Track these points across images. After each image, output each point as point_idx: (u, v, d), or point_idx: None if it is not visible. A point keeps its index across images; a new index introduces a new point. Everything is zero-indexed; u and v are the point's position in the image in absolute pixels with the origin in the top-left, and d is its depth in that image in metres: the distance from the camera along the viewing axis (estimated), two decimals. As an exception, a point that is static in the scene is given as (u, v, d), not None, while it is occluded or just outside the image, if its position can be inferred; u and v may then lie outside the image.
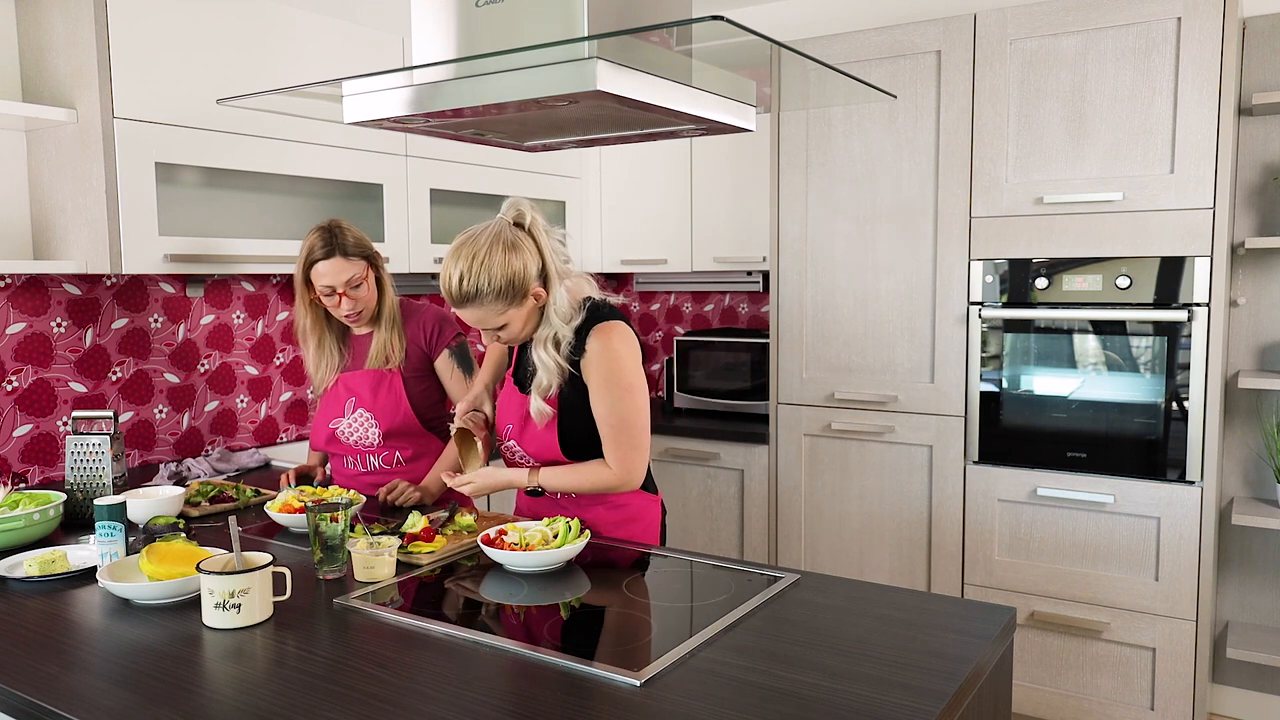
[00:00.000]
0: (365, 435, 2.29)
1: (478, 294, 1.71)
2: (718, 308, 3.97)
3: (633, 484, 1.86)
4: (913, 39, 2.85)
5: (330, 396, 2.32)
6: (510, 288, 1.71)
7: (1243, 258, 2.86)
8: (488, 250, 1.70)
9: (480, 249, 1.70)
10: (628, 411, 1.81)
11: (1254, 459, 2.89)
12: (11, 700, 1.23)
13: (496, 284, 1.70)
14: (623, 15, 1.64)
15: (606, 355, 1.79)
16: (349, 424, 2.29)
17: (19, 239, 2.48)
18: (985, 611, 1.47)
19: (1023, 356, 2.78)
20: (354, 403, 2.28)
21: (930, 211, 2.87)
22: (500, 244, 1.71)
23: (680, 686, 1.21)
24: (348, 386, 2.29)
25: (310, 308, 2.26)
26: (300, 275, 2.21)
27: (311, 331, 2.29)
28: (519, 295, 1.74)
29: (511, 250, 1.71)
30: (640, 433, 1.84)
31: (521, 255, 1.72)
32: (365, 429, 2.28)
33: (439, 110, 1.71)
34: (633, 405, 1.81)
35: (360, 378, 2.29)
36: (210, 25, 2.48)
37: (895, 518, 3.01)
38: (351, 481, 2.33)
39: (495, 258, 1.69)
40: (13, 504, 1.92)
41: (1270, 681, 2.91)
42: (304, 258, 2.18)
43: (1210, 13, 2.45)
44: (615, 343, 1.80)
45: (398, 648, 1.35)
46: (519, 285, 1.72)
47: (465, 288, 1.70)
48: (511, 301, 1.73)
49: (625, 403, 1.81)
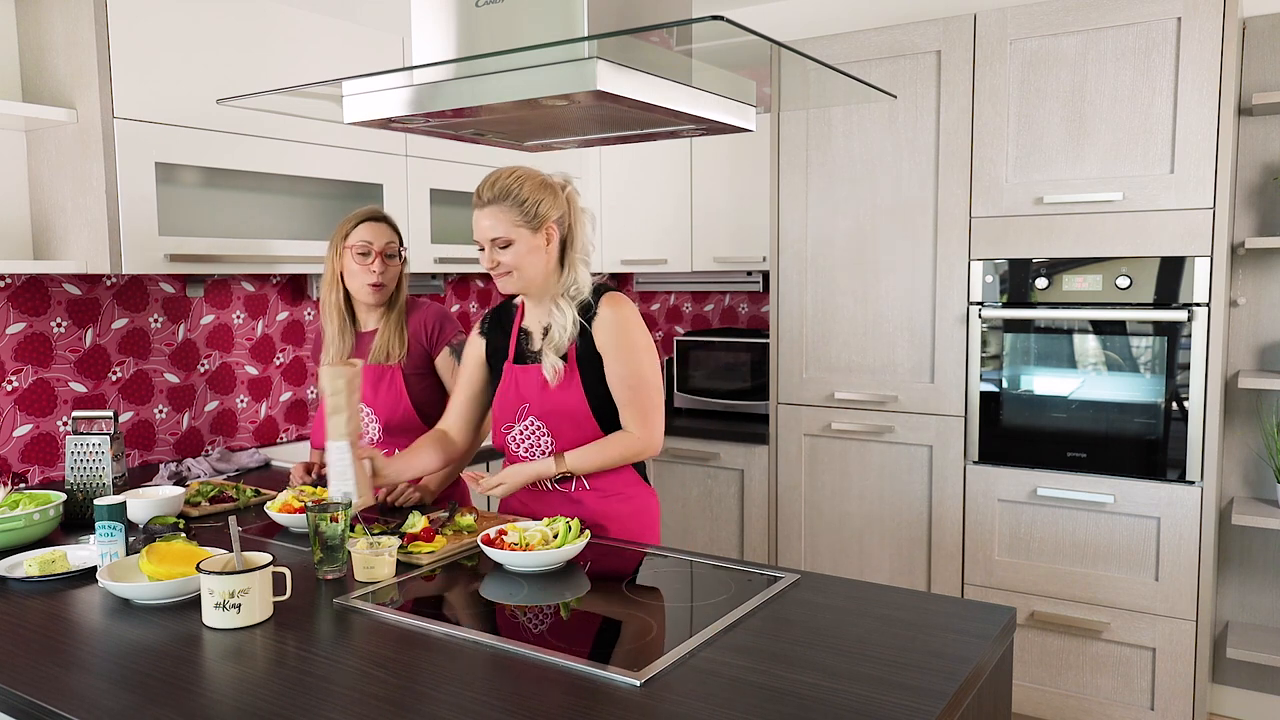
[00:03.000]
0: (366, 431, 2.28)
1: (505, 195, 1.84)
2: (718, 308, 3.97)
3: (656, 446, 1.94)
4: (913, 39, 2.85)
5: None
6: (533, 207, 1.85)
7: (1243, 258, 2.86)
8: (527, 172, 1.88)
9: (524, 168, 1.89)
10: (646, 371, 1.91)
11: (1254, 459, 2.89)
12: (11, 700, 1.23)
13: (523, 196, 1.84)
14: (623, 15, 1.64)
15: (619, 317, 1.90)
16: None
17: (19, 239, 2.48)
18: (985, 611, 1.47)
19: (1023, 356, 2.78)
20: None
21: (930, 211, 2.87)
22: (539, 176, 1.89)
23: (680, 686, 1.21)
24: None
25: (339, 283, 2.28)
26: (338, 241, 2.25)
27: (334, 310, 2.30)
28: (536, 221, 1.85)
29: (545, 184, 1.88)
30: (657, 393, 1.94)
31: (552, 193, 1.88)
32: (365, 425, 2.28)
33: (439, 110, 1.71)
34: (650, 365, 1.92)
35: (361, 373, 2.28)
36: (210, 25, 2.48)
37: (895, 518, 3.01)
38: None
39: (533, 179, 1.87)
40: (13, 504, 1.92)
41: (1270, 681, 2.91)
42: (346, 223, 2.25)
43: (1210, 13, 2.45)
44: (626, 308, 1.92)
45: (398, 648, 1.35)
46: (540, 212, 1.86)
47: (498, 185, 1.85)
48: (528, 221, 1.85)
49: (643, 363, 1.91)
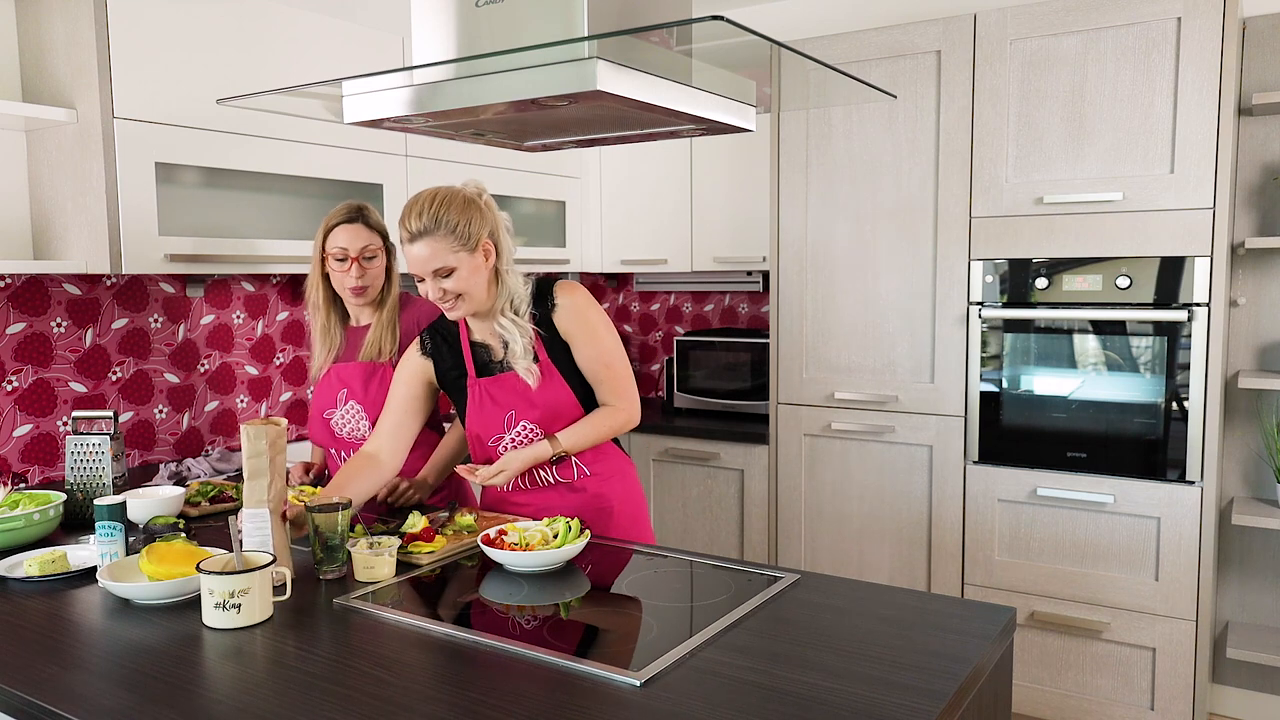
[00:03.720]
0: (356, 428, 2.28)
1: (436, 225, 1.81)
2: (718, 308, 3.97)
3: (638, 415, 2.02)
4: (913, 39, 2.85)
5: (323, 386, 2.32)
6: (465, 229, 1.83)
7: (1243, 258, 2.86)
8: (448, 194, 1.85)
9: (441, 192, 1.86)
10: (612, 347, 1.99)
11: (1254, 459, 2.89)
12: (11, 700, 1.23)
13: (452, 221, 1.82)
14: (623, 15, 1.64)
15: (577, 304, 1.96)
16: (341, 415, 2.29)
17: (19, 239, 2.48)
18: (985, 611, 1.47)
19: (1023, 356, 2.78)
20: (345, 394, 2.28)
21: (930, 211, 2.87)
22: (459, 195, 1.87)
23: (680, 686, 1.21)
24: (339, 377, 2.29)
25: (322, 283, 2.27)
26: (319, 242, 2.24)
27: (319, 308, 2.30)
28: (471, 242, 1.84)
29: (468, 203, 1.86)
30: (625, 367, 2.02)
31: (477, 211, 1.87)
32: (356, 421, 2.28)
33: (439, 110, 1.71)
34: (614, 341, 2.00)
35: (352, 369, 2.28)
36: (210, 25, 2.48)
37: (895, 518, 3.01)
38: None
39: (454, 201, 1.84)
40: (13, 504, 1.92)
41: (1270, 681, 2.92)
42: (325, 223, 2.24)
43: (1210, 13, 2.45)
44: (580, 294, 1.97)
45: (398, 648, 1.35)
46: (472, 231, 1.85)
47: (424, 219, 1.82)
48: (464, 244, 1.84)
49: (607, 342, 1.98)
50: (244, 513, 1.62)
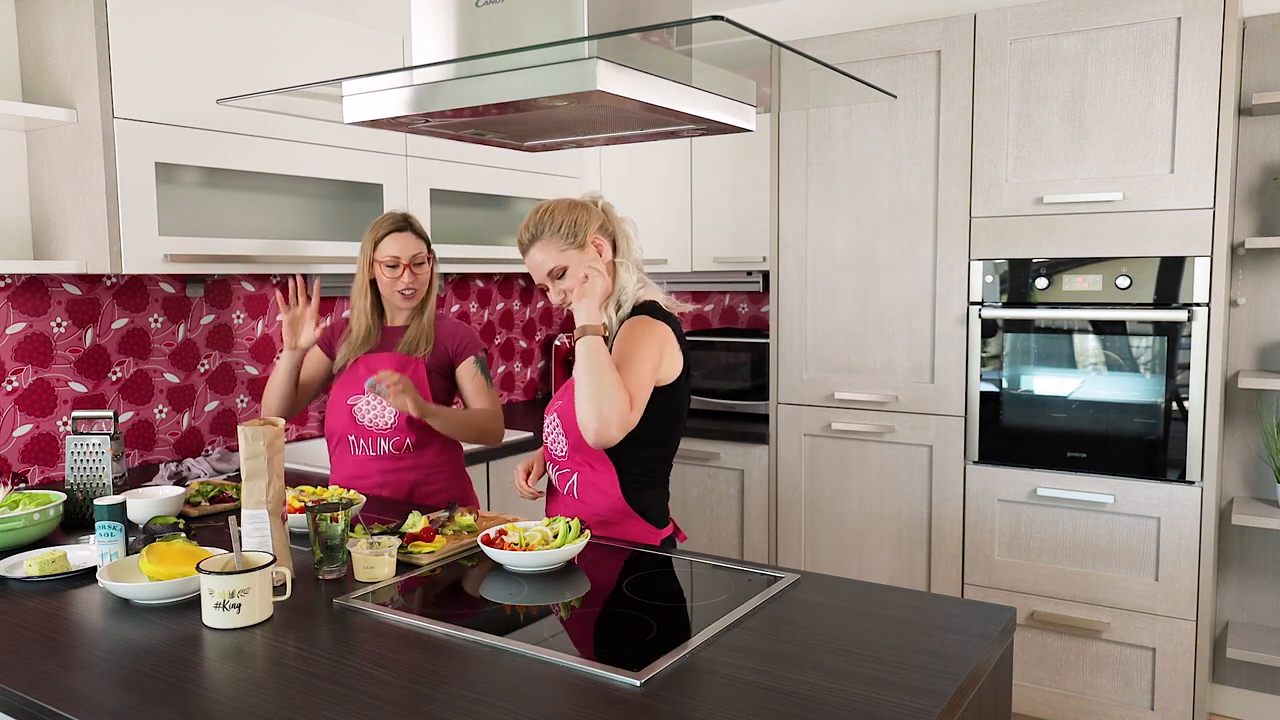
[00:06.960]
0: (380, 415, 2.32)
1: (542, 228, 1.91)
2: (718, 308, 3.97)
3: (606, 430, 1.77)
4: (913, 39, 2.85)
5: (349, 375, 2.35)
6: (570, 228, 1.91)
7: (1243, 258, 2.86)
8: (557, 200, 1.97)
9: (549, 202, 1.97)
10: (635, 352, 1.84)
11: (1254, 459, 2.89)
12: (11, 700, 1.23)
13: (558, 222, 1.91)
14: (623, 15, 1.64)
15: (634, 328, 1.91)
16: (367, 403, 2.33)
17: (19, 239, 2.48)
18: (985, 611, 1.47)
19: (1023, 356, 2.78)
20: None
21: (930, 211, 2.87)
22: (567, 199, 1.97)
23: (680, 686, 1.21)
24: (369, 366, 2.31)
25: (367, 290, 2.36)
26: (368, 250, 2.32)
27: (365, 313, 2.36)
28: (578, 239, 1.91)
29: (576, 205, 1.95)
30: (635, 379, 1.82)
31: (585, 210, 1.95)
32: (381, 409, 2.32)
33: (439, 110, 1.71)
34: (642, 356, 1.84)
35: (384, 359, 2.33)
36: (210, 25, 2.48)
37: (895, 518, 3.01)
38: (356, 469, 2.34)
39: (561, 205, 1.95)
40: (13, 504, 1.92)
41: (1270, 681, 2.91)
42: (375, 233, 2.32)
43: (1210, 13, 2.45)
44: (644, 323, 1.91)
45: (398, 648, 1.35)
46: (579, 229, 1.92)
47: (532, 223, 1.93)
48: (572, 242, 1.91)
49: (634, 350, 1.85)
50: (243, 513, 1.62)
